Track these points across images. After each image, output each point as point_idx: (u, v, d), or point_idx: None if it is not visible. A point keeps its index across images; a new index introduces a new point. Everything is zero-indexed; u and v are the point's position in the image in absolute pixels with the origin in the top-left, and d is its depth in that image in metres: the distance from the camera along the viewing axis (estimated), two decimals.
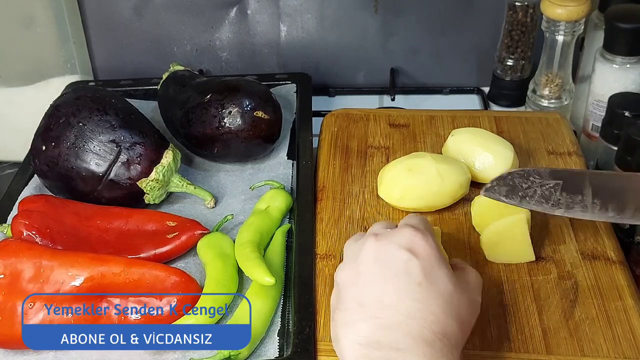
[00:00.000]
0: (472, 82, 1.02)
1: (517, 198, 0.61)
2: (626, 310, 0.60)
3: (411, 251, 0.50)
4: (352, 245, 0.54)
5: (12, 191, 0.76)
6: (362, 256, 0.52)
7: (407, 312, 0.48)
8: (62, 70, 0.95)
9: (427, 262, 0.50)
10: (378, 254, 0.51)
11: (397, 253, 0.50)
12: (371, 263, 0.51)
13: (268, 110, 0.76)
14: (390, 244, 0.51)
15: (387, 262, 0.50)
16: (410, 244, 0.51)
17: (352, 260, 0.52)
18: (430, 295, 0.49)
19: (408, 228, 0.52)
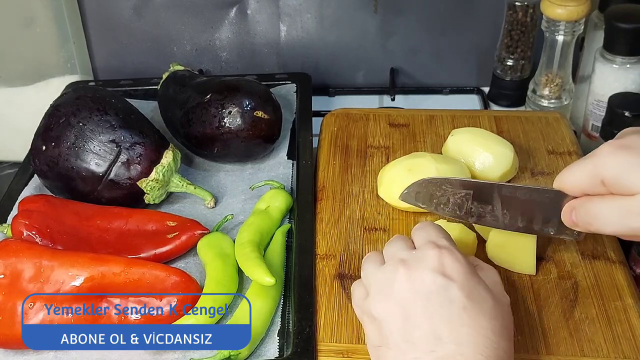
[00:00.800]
0: (472, 82, 1.02)
1: (433, 205, 0.63)
2: (626, 310, 0.60)
3: (446, 275, 0.50)
4: (378, 274, 0.53)
5: (12, 191, 0.76)
6: (398, 290, 0.51)
7: (458, 341, 0.48)
8: (62, 70, 0.95)
9: (465, 283, 0.50)
10: (414, 286, 0.50)
11: (434, 281, 0.50)
12: (411, 297, 0.50)
13: (268, 110, 0.76)
14: (424, 272, 0.50)
15: (427, 294, 0.50)
16: (442, 268, 0.50)
17: (387, 294, 0.51)
18: (477, 317, 0.49)
19: (432, 248, 0.52)
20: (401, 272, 0.51)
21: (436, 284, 0.50)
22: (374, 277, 0.54)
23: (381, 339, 0.51)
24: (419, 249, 0.53)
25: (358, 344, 0.58)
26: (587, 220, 0.54)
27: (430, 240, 0.53)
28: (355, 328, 0.59)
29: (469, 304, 0.49)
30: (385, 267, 0.53)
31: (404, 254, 0.53)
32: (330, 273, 0.64)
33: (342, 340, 0.58)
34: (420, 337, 0.49)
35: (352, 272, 0.64)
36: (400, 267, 0.52)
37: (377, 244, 0.67)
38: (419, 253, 0.53)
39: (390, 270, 0.52)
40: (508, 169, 0.72)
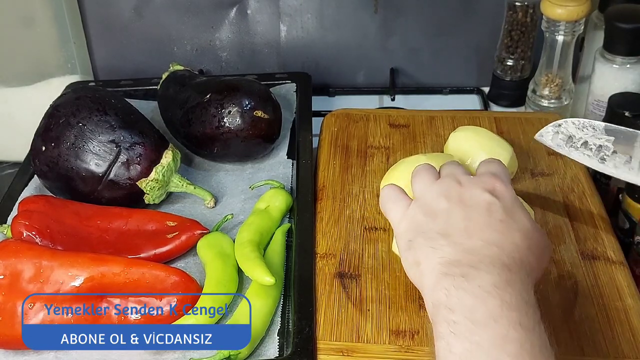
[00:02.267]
0: (472, 82, 1.02)
1: (567, 148, 0.62)
2: (626, 310, 0.60)
3: (493, 194, 0.53)
4: (431, 186, 0.56)
5: (12, 191, 0.76)
6: (450, 195, 0.54)
7: (489, 240, 0.50)
8: (62, 70, 0.95)
9: (509, 203, 0.53)
10: (464, 197, 0.54)
11: (481, 196, 0.53)
12: (458, 203, 0.53)
13: (268, 110, 0.76)
14: (474, 189, 0.54)
15: (473, 204, 0.53)
16: (492, 188, 0.54)
17: (441, 195, 0.54)
18: (511, 229, 0.51)
19: (489, 175, 0.55)
20: (455, 186, 0.55)
21: (483, 198, 0.53)
22: (429, 188, 0.56)
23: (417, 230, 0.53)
24: (478, 176, 0.56)
25: (358, 343, 0.58)
26: None
27: (491, 171, 0.56)
28: (355, 327, 0.59)
29: (506, 218, 0.52)
30: (441, 181, 0.56)
31: (462, 177, 0.56)
32: (330, 272, 0.64)
33: (342, 338, 0.58)
34: (455, 232, 0.51)
35: (352, 271, 0.64)
36: (455, 183, 0.55)
37: (377, 244, 0.67)
38: (476, 178, 0.56)
39: (446, 184, 0.55)
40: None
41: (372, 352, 0.57)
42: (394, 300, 0.61)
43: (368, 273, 0.64)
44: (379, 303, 0.61)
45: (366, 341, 0.58)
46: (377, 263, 0.65)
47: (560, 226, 0.68)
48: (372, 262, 0.65)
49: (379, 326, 0.59)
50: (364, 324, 0.59)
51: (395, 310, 0.60)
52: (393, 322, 0.59)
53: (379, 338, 0.58)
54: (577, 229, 0.68)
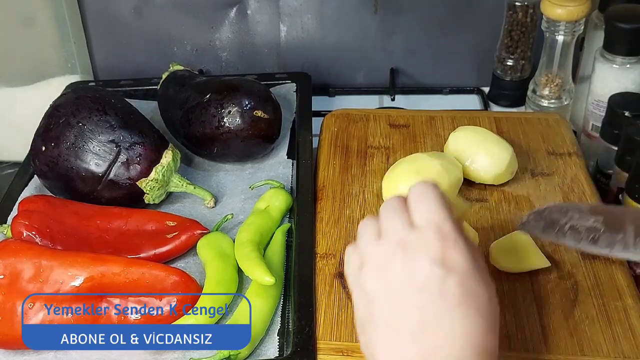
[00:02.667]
0: (472, 82, 1.02)
1: (554, 234, 0.59)
2: (626, 310, 0.60)
3: (445, 266, 0.47)
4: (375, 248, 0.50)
5: (12, 191, 0.76)
6: (393, 272, 0.48)
7: (449, 334, 0.46)
8: (62, 70, 0.95)
9: (464, 277, 0.47)
10: (410, 273, 0.47)
11: (431, 271, 0.46)
12: (405, 283, 0.47)
13: (268, 110, 0.76)
14: (422, 261, 0.47)
15: (422, 284, 0.47)
16: (442, 258, 0.47)
17: (381, 272, 0.49)
18: (470, 314, 0.46)
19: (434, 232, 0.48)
20: (399, 255, 0.48)
21: (434, 274, 0.46)
22: (370, 250, 0.51)
23: (369, 316, 0.49)
24: (420, 231, 0.49)
25: (358, 342, 0.58)
26: None
27: (434, 221, 0.49)
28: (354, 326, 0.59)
29: (464, 300, 0.46)
30: (383, 243, 0.50)
31: (404, 234, 0.49)
32: (330, 272, 0.64)
33: (342, 338, 0.58)
34: (407, 325, 0.47)
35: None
36: (398, 250, 0.48)
37: None
38: (420, 237, 0.48)
39: (387, 249, 0.49)
40: (502, 172, 0.72)
41: None
42: None
43: None
44: None
45: None
46: None
47: None
48: None
49: None
50: None
51: None
52: None
53: None
54: None
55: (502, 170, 0.72)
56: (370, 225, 0.52)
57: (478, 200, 0.72)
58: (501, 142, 0.74)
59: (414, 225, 0.49)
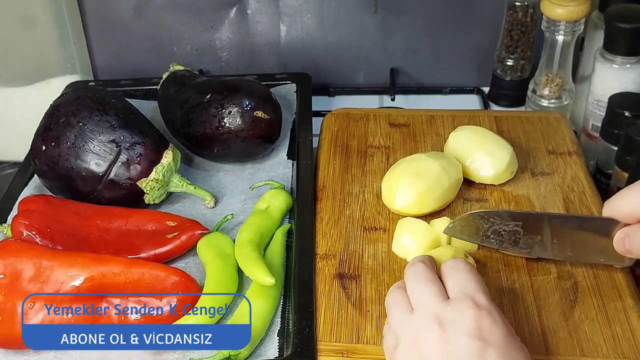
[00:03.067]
0: (472, 82, 1.02)
1: (479, 238, 0.62)
2: (626, 310, 0.60)
3: (483, 340, 0.47)
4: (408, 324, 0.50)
5: (12, 191, 0.76)
6: (430, 350, 0.48)
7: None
8: (62, 70, 0.95)
9: (503, 348, 0.47)
10: (448, 348, 0.47)
11: (469, 346, 0.46)
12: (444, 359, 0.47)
13: (268, 110, 0.76)
14: (460, 336, 0.47)
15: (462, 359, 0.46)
16: (479, 331, 0.47)
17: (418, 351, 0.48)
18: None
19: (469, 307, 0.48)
20: (435, 332, 0.48)
21: (472, 348, 0.47)
22: (404, 327, 0.50)
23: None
24: (454, 305, 0.49)
25: (358, 344, 0.58)
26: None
27: (467, 293, 0.50)
28: (355, 327, 0.59)
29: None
30: (416, 318, 0.50)
31: (438, 309, 0.49)
32: (330, 273, 0.64)
33: (342, 339, 0.58)
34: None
35: (352, 272, 0.64)
36: (434, 325, 0.48)
37: (377, 244, 0.67)
38: (454, 311, 0.49)
39: (422, 326, 0.49)
40: (502, 171, 0.72)
41: (372, 353, 0.57)
42: None
43: (368, 274, 0.64)
44: (378, 304, 0.61)
45: (366, 342, 0.58)
46: (377, 264, 0.65)
47: None
48: (372, 263, 0.65)
49: (378, 327, 0.59)
50: (364, 325, 0.59)
51: None
52: None
53: (378, 339, 0.58)
54: None
55: (502, 170, 0.72)
56: (399, 297, 0.52)
57: (478, 200, 0.72)
58: (501, 142, 0.74)
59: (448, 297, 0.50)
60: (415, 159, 0.71)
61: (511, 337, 0.49)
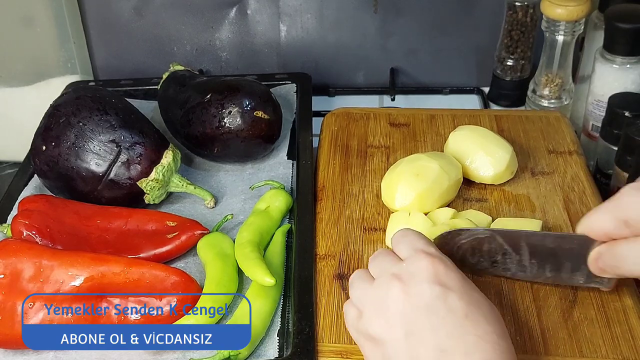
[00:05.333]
0: (472, 82, 1.02)
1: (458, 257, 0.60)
2: (625, 310, 0.60)
3: (443, 284, 0.49)
4: (370, 292, 0.52)
5: (12, 191, 0.76)
6: (395, 306, 0.49)
7: (465, 351, 0.47)
8: (62, 70, 0.95)
9: (462, 290, 0.49)
10: (412, 300, 0.49)
11: (431, 292, 0.49)
12: (411, 312, 0.49)
13: (268, 110, 0.76)
14: (420, 284, 0.49)
15: (427, 307, 0.48)
16: (437, 277, 0.49)
17: (384, 312, 0.50)
18: (479, 323, 0.48)
19: (423, 258, 0.51)
20: (396, 287, 0.50)
21: (434, 294, 0.49)
22: (366, 296, 0.52)
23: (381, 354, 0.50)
24: (408, 260, 0.52)
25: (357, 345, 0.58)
26: (614, 264, 0.53)
27: (417, 248, 0.52)
28: None
29: (469, 311, 0.48)
30: (377, 283, 0.52)
31: (395, 268, 0.51)
32: (330, 273, 0.64)
33: (341, 340, 0.58)
34: (425, 352, 0.47)
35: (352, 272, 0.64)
36: (394, 282, 0.50)
37: (377, 244, 0.67)
38: (410, 265, 0.51)
39: (383, 287, 0.51)
40: (502, 171, 0.72)
41: None
42: None
43: None
44: None
45: None
46: None
47: (560, 226, 0.68)
48: None
49: None
50: None
51: None
52: None
53: None
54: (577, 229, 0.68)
55: (502, 170, 0.72)
56: (360, 275, 0.55)
57: (478, 200, 0.72)
58: (501, 142, 0.74)
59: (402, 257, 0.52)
60: (415, 158, 0.71)
61: (467, 281, 0.51)
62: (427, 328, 0.48)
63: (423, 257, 0.51)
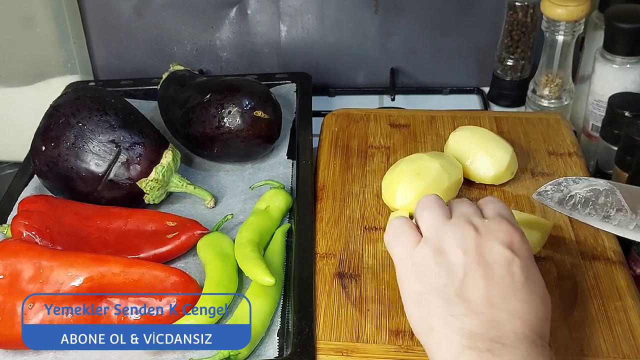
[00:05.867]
0: (472, 82, 1.02)
1: (568, 206, 0.61)
2: (626, 310, 0.60)
3: (512, 250, 0.51)
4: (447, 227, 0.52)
5: (12, 191, 0.76)
6: (467, 245, 0.51)
7: (512, 311, 0.48)
8: (62, 70, 0.95)
9: (527, 261, 0.51)
10: (482, 250, 0.51)
11: (501, 252, 0.50)
12: (476, 257, 0.50)
13: (268, 110, 0.76)
14: (494, 242, 0.51)
15: (492, 261, 0.50)
16: (510, 242, 0.51)
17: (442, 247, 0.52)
18: (531, 297, 0.50)
19: (504, 222, 0.53)
20: (471, 234, 0.51)
21: (503, 255, 0.50)
22: (436, 227, 0.53)
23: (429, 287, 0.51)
24: (491, 220, 0.53)
25: (357, 342, 0.58)
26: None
27: (503, 215, 0.54)
28: (354, 326, 0.59)
29: (526, 282, 0.50)
30: (455, 223, 0.53)
31: (476, 220, 0.53)
32: (330, 272, 0.64)
33: (341, 339, 0.58)
34: (475, 298, 0.49)
35: (352, 271, 0.64)
36: (470, 229, 0.52)
37: (377, 244, 0.67)
38: (491, 223, 0.53)
39: (459, 228, 0.52)
40: (502, 172, 0.72)
41: (372, 352, 0.57)
42: (393, 300, 0.61)
43: (368, 273, 0.64)
44: (378, 303, 0.61)
45: (366, 341, 0.58)
46: (377, 263, 0.65)
47: (561, 226, 0.68)
48: (372, 262, 0.65)
49: (378, 326, 0.59)
50: (364, 324, 0.59)
51: (395, 310, 0.60)
52: (393, 322, 0.59)
53: (378, 338, 0.58)
54: (577, 229, 0.68)
55: (502, 170, 0.72)
56: (435, 204, 0.55)
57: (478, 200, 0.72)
58: (501, 142, 0.74)
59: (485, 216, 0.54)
60: (415, 158, 0.71)
61: (533, 261, 0.53)
62: (483, 276, 0.50)
63: (505, 223, 0.53)
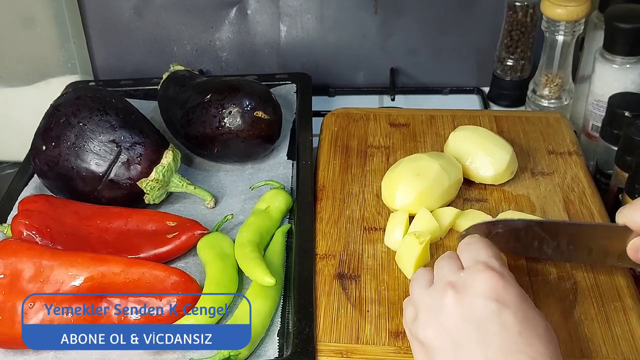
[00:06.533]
0: (472, 82, 1.02)
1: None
2: (625, 310, 0.60)
3: (498, 300, 0.48)
4: (426, 296, 0.51)
5: (12, 191, 0.76)
6: (447, 315, 0.49)
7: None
8: (62, 70, 0.95)
9: (519, 307, 0.48)
10: (465, 312, 0.48)
11: (485, 307, 0.47)
12: (461, 324, 0.48)
13: (268, 110, 0.76)
14: (474, 298, 0.48)
15: (480, 321, 0.47)
16: (495, 292, 0.48)
17: (435, 319, 0.49)
18: (533, 342, 0.47)
19: (482, 270, 0.49)
20: (450, 296, 0.49)
21: (488, 309, 0.47)
22: (422, 298, 0.52)
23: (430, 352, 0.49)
24: (468, 271, 0.51)
25: (357, 344, 0.58)
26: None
27: (479, 260, 0.51)
28: (354, 328, 0.59)
29: (523, 329, 0.47)
30: (433, 289, 0.51)
31: (453, 276, 0.51)
32: (330, 273, 0.64)
33: (341, 340, 0.58)
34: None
35: (352, 272, 0.64)
36: (448, 291, 0.49)
37: (377, 245, 0.67)
38: (468, 276, 0.50)
39: (438, 294, 0.50)
40: (502, 171, 0.72)
41: (372, 354, 0.57)
42: (393, 302, 0.61)
43: (367, 274, 0.64)
44: (378, 304, 0.61)
45: (365, 342, 0.58)
46: (377, 264, 0.65)
47: None
48: (371, 263, 0.65)
49: (378, 327, 0.59)
50: (364, 325, 0.59)
51: (395, 311, 0.60)
52: (392, 324, 0.59)
53: (378, 339, 0.58)
54: None
55: (502, 170, 0.72)
56: (422, 275, 0.54)
57: (478, 200, 0.72)
58: (501, 142, 0.74)
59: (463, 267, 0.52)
60: (415, 158, 0.71)
61: (525, 298, 0.49)
62: (477, 342, 0.47)
63: (482, 270, 0.50)
